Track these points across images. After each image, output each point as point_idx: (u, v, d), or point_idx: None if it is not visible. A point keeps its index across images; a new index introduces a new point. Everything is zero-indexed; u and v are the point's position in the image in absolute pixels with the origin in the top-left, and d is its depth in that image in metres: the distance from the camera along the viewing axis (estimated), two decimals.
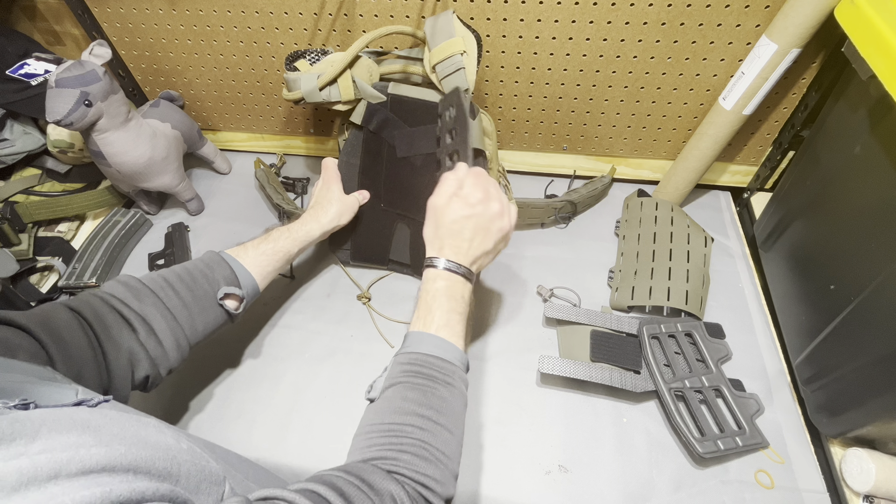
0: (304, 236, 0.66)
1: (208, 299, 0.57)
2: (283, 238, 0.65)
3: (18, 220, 0.82)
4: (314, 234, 0.67)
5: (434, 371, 0.46)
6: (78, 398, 0.33)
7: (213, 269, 0.58)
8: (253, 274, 0.61)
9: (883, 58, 0.49)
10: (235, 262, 0.60)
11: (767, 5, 0.65)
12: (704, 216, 0.84)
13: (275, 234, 0.65)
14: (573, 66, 0.77)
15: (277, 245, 0.64)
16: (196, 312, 0.56)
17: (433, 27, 0.64)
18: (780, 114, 0.78)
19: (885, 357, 0.49)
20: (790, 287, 0.68)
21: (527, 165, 0.93)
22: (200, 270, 0.58)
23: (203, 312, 0.57)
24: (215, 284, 0.58)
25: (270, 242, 0.64)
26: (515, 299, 0.76)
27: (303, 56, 0.70)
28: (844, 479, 0.56)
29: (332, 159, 0.74)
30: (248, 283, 0.61)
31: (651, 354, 0.64)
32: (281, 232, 0.65)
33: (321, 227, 0.68)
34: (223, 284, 0.58)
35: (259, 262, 0.62)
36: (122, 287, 0.52)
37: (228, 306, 0.58)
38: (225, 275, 0.59)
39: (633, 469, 0.59)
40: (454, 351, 0.48)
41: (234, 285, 0.59)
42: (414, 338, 0.49)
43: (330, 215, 0.69)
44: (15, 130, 0.86)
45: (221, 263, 0.59)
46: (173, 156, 0.84)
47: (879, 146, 0.53)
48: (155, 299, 0.53)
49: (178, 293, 0.55)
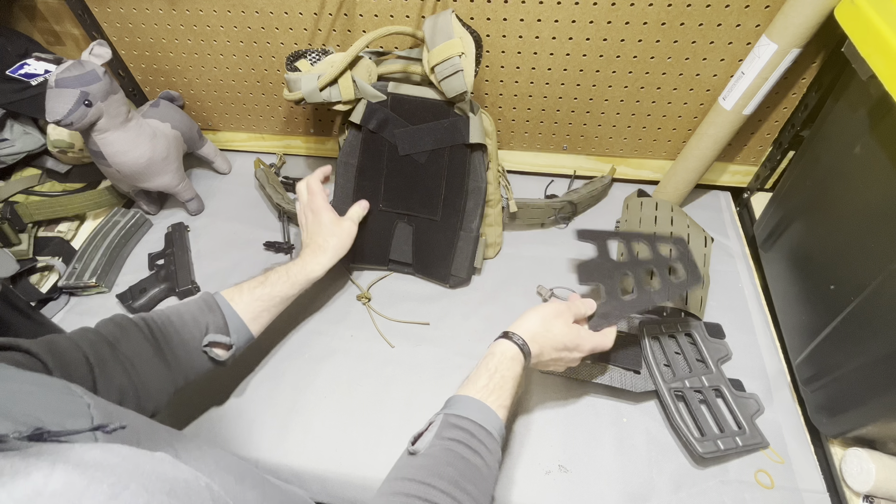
0: (303, 280, 0.64)
1: (196, 343, 0.56)
2: (280, 282, 0.62)
3: (18, 220, 0.82)
4: (316, 274, 0.65)
5: (482, 447, 0.45)
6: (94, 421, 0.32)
7: (204, 313, 0.57)
8: (246, 321, 0.59)
9: (883, 58, 0.49)
10: (228, 308, 0.59)
11: (767, 5, 0.65)
12: (704, 216, 0.84)
13: (273, 277, 0.63)
14: (573, 66, 0.77)
15: (275, 290, 0.62)
16: (183, 358, 0.55)
17: (433, 27, 0.64)
18: (780, 114, 0.78)
19: (885, 357, 0.49)
20: (790, 287, 0.68)
21: (527, 165, 0.93)
22: (192, 315, 0.57)
23: (190, 358, 0.56)
24: (203, 330, 0.56)
25: (267, 287, 0.62)
26: (515, 299, 0.76)
27: (304, 56, 0.70)
28: (844, 479, 0.56)
29: (316, 181, 0.71)
30: (240, 331, 0.59)
31: (651, 354, 0.64)
32: (279, 275, 0.63)
33: (322, 267, 0.66)
34: (212, 331, 0.57)
35: (253, 308, 0.60)
36: (115, 327, 0.52)
37: (215, 354, 0.57)
38: (215, 321, 0.57)
39: (633, 469, 0.59)
40: (501, 428, 0.48)
41: (224, 332, 0.57)
42: (472, 404, 0.48)
43: (329, 253, 0.66)
44: (15, 130, 0.86)
45: (214, 309, 0.58)
46: (173, 156, 0.84)
47: (879, 146, 0.53)
48: (145, 343, 0.52)
49: (167, 337, 0.54)
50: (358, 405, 0.66)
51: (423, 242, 0.76)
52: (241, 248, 0.85)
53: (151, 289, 0.77)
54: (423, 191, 0.73)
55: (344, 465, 0.60)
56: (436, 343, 0.71)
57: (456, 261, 0.75)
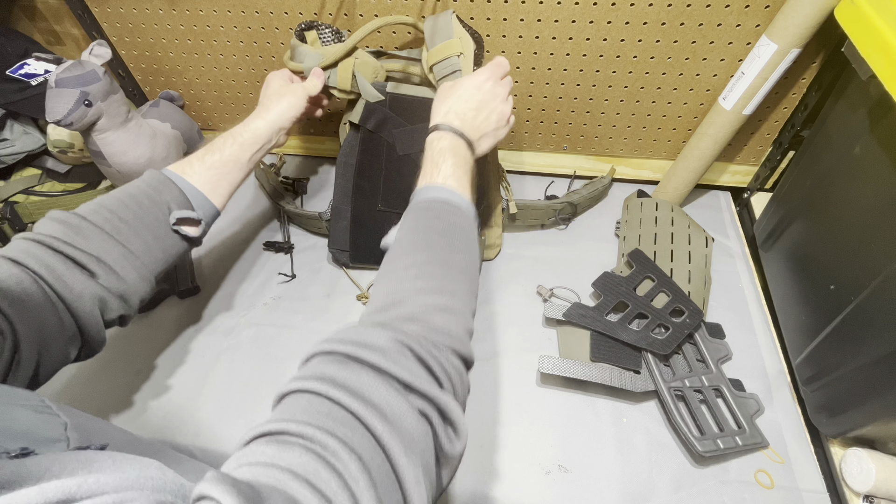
0: (250, 138, 0.60)
1: (160, 226, 0.52)
2: (227, 145, 0.58)
3: (18, 220, 0.82)
4: (261, 132, 0.61)
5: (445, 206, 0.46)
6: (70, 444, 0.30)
7: (159, 191, 0.53)
8: (205, 192, 0.55)
9: (883, 58, 0.49)
10: (184, 182, 0.54)
11: (767, 5, 0.65)
12: (704, 216, 0.84)
13: (218, 142, 0.59)
14: (573, 66, 0.77)
15: (224, 154, 0.57)
16: (150, 240, 0.51)
17: (433, 27, 0.64)
18: (780, 114, 0.78)
19: (885, 357, 0.49)
20: (790, 287, 0.68)
21: (527, 165, 0.93)
22: (145, 194, 0.52)
23: (158, 240, 0.52)
24: (165, 209, 0.52)
25: (216, 153, 0.57)
26: (515, 299, 0.76)
27: (316, 28, 0.70)
28: (844, 479, 0.56)
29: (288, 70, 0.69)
30: (203, 204, 0.55)
31: (651, 354, 0.64)
32: (224, 139, 0.59)
33: (268, 123, 0.61)
34: (174, 208, 0.53)
35: (209, 177, 0.56)
36: (60, 226, 0.47)
37: (186, 232, 0.54)
38: (174, 197, 0.53)
39: (633, 469, 0.59)
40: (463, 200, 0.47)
41: (188, 207, 0.54)
42: (421, 192, 0.48)
43: (273, 111, 0.62)
44: (15, 130, 0.86)
45: (168, 184, 0.53)
46: (173, 156, 0.84)
47: (879, 146, 0.53)
48: (102, 234, 0.48)
49: (125, 222, 0.50)
50: None
51: None
52: (241, 248, 0.85)
53: None
54: None
55: None
56: None
57: None
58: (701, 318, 0.66)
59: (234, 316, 0.76)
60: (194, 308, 0.77)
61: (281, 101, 0.63)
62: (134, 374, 0.69)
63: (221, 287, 0.80)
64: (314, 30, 0.70)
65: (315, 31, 0.70)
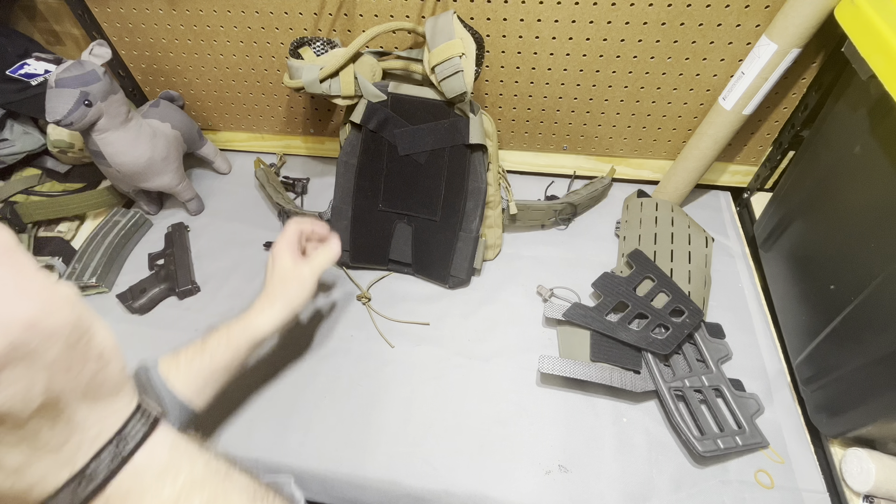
0: (246, 343, 0.54)
1: None
2: (220, 350, 0.53)
3: (18, 220, 0.82)
4: (261, 333, 0.55)
5: None
6: None
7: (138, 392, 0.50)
8: (185, 400, 0.51)
9: (883, 58, 0.49)
10: (165, 390, 0.50)
11: (767, 5, 0.65)
12: (704, 216, 0.84)
13: (212, 343, 0.53)
14: (573, 66, 0.77)
15: (215, 360, 0.53)
16: None
17: (433, 27, 0.64)
18: (780, 114, 0.78)
19: (885, 357, 0.49)
20: (790, 287, 0.68)
21: (527, 165, 0.93)
22: None
23: None
24: None
25: (206, 357, 0.52)
26: (515, 299, 0.76)
27: (308, 44, 0.70)
28: (844, 479, 0.56)
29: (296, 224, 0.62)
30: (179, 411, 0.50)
31: (651, 354, 0.64)
32: (219, 341, 0.53)
33: (270, 321, 0.55)
34: None
35: (194, 385, 0.51)
36: None
37: None
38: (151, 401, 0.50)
39: (633, 469, 0.59)
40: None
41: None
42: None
43: (278, 306, 0.56)
44: (15, 130, 0.86)
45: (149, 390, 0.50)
46: (173, 156, 0.84)
47: (879, 146, 0.53)
48: None
49: None
50: (358, 405, 0.66)
51: (422, 243, 0.77)
52: (241, 248, 0.85)
53: (151, 289, 0.77)
54: (422, 191, 0.74)
55: (344, 465, 0.60)
56: (436, 343, 0.71)
57: (455, 261, 0.75)
58: (701, 317, 0.66)
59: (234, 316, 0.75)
60: (194, 308, 0.77)
61: (287, 289, 0.57)
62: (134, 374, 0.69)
63: (221, 287, 0.80)
64: (307, 45, 0.70)
65: (307, 46, 0.70)
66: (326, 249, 0.60)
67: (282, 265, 0.58)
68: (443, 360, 0.69)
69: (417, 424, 0.63)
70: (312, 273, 0.58)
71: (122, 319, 0.76)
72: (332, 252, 0.60)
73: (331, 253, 0.60)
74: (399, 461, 0.60)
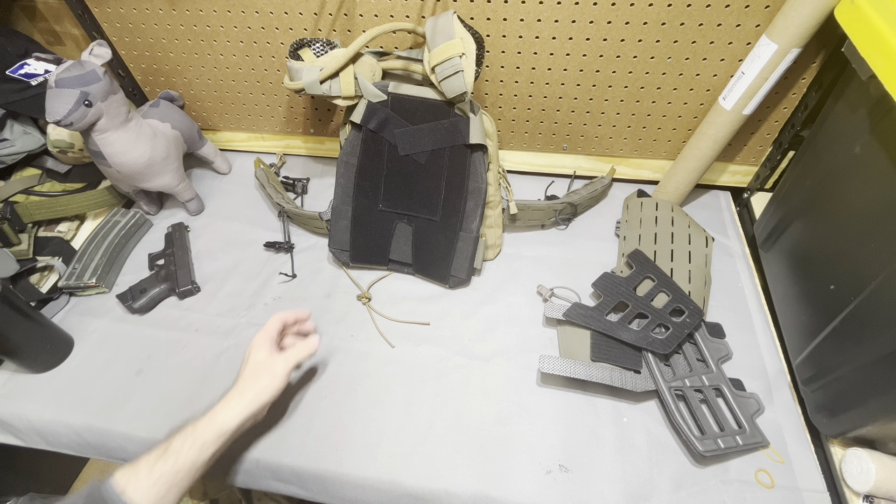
0: (214, 436, 0.52)
1: None
2: (185, 448, 0.50)
3: (18, 220, 0.82)
4: (229, 426, 0.53)
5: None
6: None
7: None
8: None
9: (883, 58, 0.49)
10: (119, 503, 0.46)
11: (767, 5, 0.65)
12: (704, 216, 0.84)
13: (176, 443, 0.51)
14: (573, 66, 0.77)
15: (179, 460, 0.50)
16: None
17: (434, 27, 0.64)
18: (780, 114, 0.78)
19: (885, 357, 0.49)
20: (790, 287, 0.68)
21: (527, 165, 0.93)
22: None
23: None
24: None
25: (170, 459, 0.49)
26: (515, 299, 0.76)
27: (308, 45, 0.70)
28: (844, 479, 0.56)
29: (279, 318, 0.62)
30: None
31: (651, 354, 0.64)
32: (184, 439, 0.51)
33: (238, 414, 0.54)
34: None
35: (155, 492, 0.48)
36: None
37: None
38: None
39: (633, 468, 0.59)
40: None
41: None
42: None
43: (246, 399, 0.55)
44: (15, 130, 0.86)
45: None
46: (173, 156, 0.84)
47: (879, 146, 0.53)
48: None
49: None
50: (358, 405, 0.66)
51: (422, 243, 0.77)
52: (241, 248, 0.85)
53: (151, 289, 0.77)
54: (422, 191, 0.74)
55: (344, 465, 0.60)
56: (436, 343, 0.71)
57: (455, 261, 0.75)
58: (701, 317, 0.66)
59: (234, 316, 0.76)
60: (194, 308, 0.77)
61: (257, 382, 0.56)
62: (134, 374, 0.69)
63: (221, 287, 0.80)
64: (306, 47, 0.70)
65: (307, 47, 0.70)
66: (304, 345, 0.61)
67: (255, 358, 0.58)
68: (443, 360, 0.69)
69: (417, 424, 0.63)
70: (285, 365, 0.58)
71: (122, 319, 0.76)
72: (310, 348, 0.61)
73: (308, 348, 0.60)
74: (399, 461, 0.60)
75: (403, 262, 0.79)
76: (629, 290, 0.68)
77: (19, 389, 0.69)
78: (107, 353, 0.72)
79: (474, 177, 0.71)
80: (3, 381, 0.69)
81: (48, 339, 0.70)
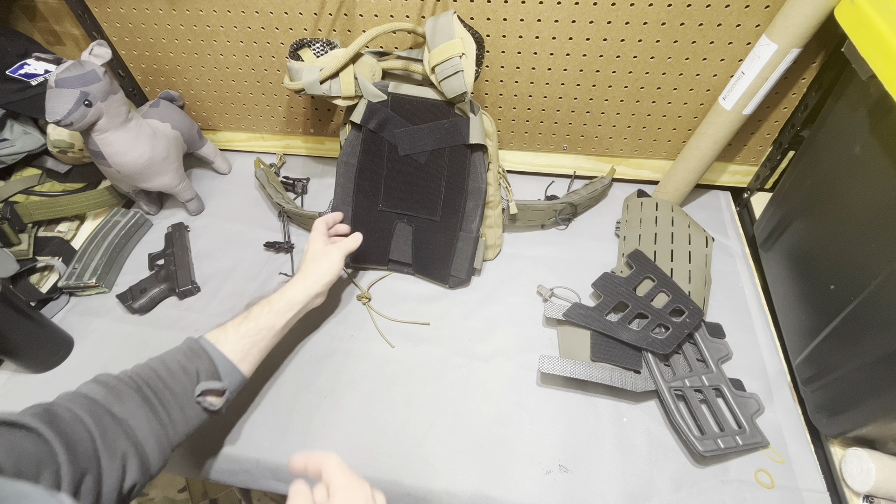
0: (286, 305, 0.61)
1: (187, 396, 0.52)
2: (264, 314, 0.60)
3: (18, 220, 0.82)
4: (297, 299, 0.62)
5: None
6: None
7: (191, 360, 0.54)
8: (236, 361, 0.56)
9: (883, 58, 0.49)
10: (216, 352, 0.56)
11: (767, 5, 0.65)
12: (704, 216, 0.84)
13: (256, 310, 0.60)
14: (573, 66, 0.77)
15: (260, 323, 0.59)
16: (177, 413, 0.52)
17: (434, 27, 0.64)
18: (780, 114, 0.78)
19: (885, 357, 0.49)
20: (790, 287, 0.68)
21: (527, 165, 0.93)
22: (179, 363, 0.54)
23: (183, 411, 0.52)
24: (194, 379, 0.53)
25: (251, 321, 0.59)
26: (515, 299, 0.76)
27: (308, 45, 0.70)
28: (844, 479, 0.56)
29: (323, 220, 0.72)
30: (231, 373, 0.56)
31: (651, 354, 0.64)
32: (262, 307, 0.60)
33: (304, 290, 0.63)
34: (202, 378, 0.53)
35: (241, 346, 0.57)
36: (107, 391, 0.49)
37: (209, 403, 0.54)
38: (205, 367, 0.54)
39: (633, 468, 0.59)
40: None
41: (215, 377, 0.55)
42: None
43: (311, 279, 0.64)
44: (15, 130, 0.86)
45: (201, 354, 0.55)
46: (173, 156, 0.84)
47: (879, 146, 0.53)
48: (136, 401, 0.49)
49: (158, 394, 0.51)
50: (358, 405, 0.66)
51: (422, 243, 0.77)
52: (241, 248, 0.85)
53: (151, 289, 0.77)
54: (422, 191, 0.74)
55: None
56: (436, 343, 0.71)
57: (455, 261, 0.75)
58: (701, 317, 0.66)
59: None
60: (194, 308, 0.77)
61: (318, 266, 0.66)
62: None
63: (221, 287, 0.80)
64: (306, 47, 0.70)
65: (307, 47, 0.70)
66: (352, 238, 0.71)
67: (314, 248, 0.68)
68: (443, 360, 0.69)
69: (418, 424, 0.63)
70: (340, 252, 0.68)
71: (122, 319, 0.76)
72: (356, 240, 0.71)
73: (355, 241, 0.71)
74: (399, 461, 0.60)
75: (403, 263, 0.79)
76: (629, 290, 0.68)
77: (19, 389, 0.69)
78: (107, 353, 0.72)
79: (474, 177, 0.71)
80: (3, 381, 0.69)
81: (48, 339, 0.70)
